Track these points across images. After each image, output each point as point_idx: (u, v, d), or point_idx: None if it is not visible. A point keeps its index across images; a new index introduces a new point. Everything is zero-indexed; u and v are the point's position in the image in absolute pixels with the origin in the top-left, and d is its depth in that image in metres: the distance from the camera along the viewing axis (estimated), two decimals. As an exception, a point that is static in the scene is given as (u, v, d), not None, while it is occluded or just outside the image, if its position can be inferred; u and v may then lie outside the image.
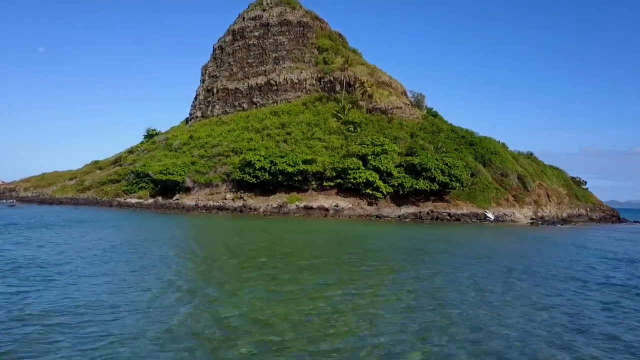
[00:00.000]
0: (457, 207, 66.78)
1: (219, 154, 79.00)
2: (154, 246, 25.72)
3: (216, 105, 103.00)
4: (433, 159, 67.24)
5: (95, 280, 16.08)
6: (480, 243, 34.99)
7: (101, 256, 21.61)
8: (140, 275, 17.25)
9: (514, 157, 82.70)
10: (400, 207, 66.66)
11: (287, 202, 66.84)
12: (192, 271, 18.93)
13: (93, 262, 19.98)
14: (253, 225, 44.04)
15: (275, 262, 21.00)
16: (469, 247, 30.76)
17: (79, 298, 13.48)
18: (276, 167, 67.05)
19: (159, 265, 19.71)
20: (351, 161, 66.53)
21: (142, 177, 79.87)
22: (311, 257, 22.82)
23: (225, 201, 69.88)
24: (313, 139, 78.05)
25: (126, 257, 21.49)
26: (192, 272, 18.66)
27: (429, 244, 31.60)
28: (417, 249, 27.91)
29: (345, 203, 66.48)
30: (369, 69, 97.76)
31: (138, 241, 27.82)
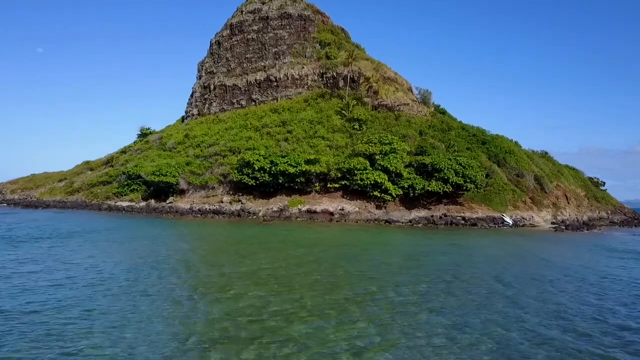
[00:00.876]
0: (472, 211, 61.97)
1: (216, 154, 74.17)
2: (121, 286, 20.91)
3: (213, 103, 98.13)
4: (445, 159, 62.43)
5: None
6: (532, 259, 29.28)
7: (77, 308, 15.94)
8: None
9: (528, 157, 77.94)
10: (411, 211, 61.84)
11: (289, 206, 62.01)
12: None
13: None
14: (251, 235, 39.17)
15: (281, 305, 16.18)
16: (521, 266, 25.29)
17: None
18: (277, 168, 62.21)
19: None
20: (357, 161, 61.71)
21: (134, 178, 75.04)
22: (323, 291, 17.89)
23: (222, 204, 65.03)
24: (316, 137, 73.23)
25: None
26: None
27: (461, 261, 26.69)
28: (450, 271, 23.00)
29: (351, 206, 61.66)
30: (373, 64, 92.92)
31: (119, 274, 23.01)
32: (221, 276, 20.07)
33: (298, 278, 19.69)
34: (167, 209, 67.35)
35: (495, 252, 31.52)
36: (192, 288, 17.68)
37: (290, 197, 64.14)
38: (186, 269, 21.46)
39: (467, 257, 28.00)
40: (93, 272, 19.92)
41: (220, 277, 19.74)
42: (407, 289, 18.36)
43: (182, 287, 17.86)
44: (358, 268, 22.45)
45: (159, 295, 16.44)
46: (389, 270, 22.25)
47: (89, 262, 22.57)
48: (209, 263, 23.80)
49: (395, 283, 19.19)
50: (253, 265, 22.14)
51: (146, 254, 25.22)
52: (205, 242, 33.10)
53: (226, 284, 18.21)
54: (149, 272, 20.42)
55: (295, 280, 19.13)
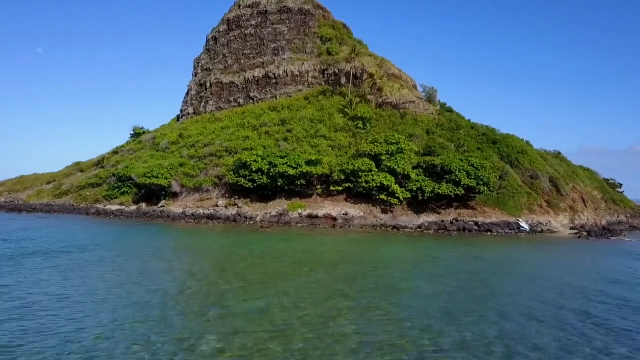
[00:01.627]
0: (485, 215, 57.70)
1: (211, 154, 69.87)
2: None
3: (209, 101, 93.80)
4: (456, 159, 58.16)
5: None
6: (588, 279, 24.57)
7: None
8: None
9: (542, 157, 73.74)
10: (420, 215, 57.57)
11: (288, 210, 57.72)
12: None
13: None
14: (246, 246, 34.89)
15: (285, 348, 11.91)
16: (582, 299, 20.25)
17: None
18: (275, 169, 57.92)
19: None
20: (362, 162, 57.42)
21: (124, 180, 70.72)
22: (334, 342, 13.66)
23: (216, 208, 60.71)
24: (317, 136, 68.95)
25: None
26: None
27: (501, 287, 22.22)
28: (495, 306, 18.51)
29: (355, 210, 57.38)
30: (376, 60, 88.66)
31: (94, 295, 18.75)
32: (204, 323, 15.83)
33: (303, 327, 15.45)
34: (159, 213, 63.04)
35: (517, 267, 27.17)
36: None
37: (289, 200, 59.89)
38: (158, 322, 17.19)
39: (503, 280, 23.63)
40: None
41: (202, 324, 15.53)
42: (457, 340, 14.06)
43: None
44: (380, 301, 18.08)
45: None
46: (421, 309, 17.66)
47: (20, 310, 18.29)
48: (197, 282, 19.60)
49: (439, 333, 14.58)
50: (240, 306, 17.69)
51: (117, 286, 20.96)
52: (190, 260, 28.55)
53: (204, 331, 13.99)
54: (120, 316, 16.20)
55: (298, 332, 14.89)
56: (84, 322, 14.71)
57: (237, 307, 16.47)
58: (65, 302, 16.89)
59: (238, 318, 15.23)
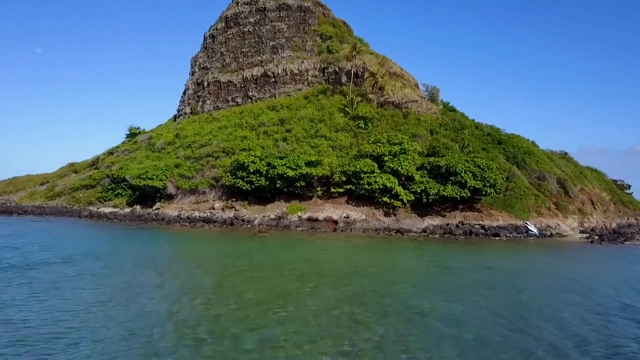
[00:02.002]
0: (492, 218, 55.61)
1: (208, 155, 67.73)
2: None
3: (207, 100, 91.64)
4: (462, 160, 56.08)
5: None
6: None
7: None
8: None
9: (549, 157, 71.63)
10: (424, 219, 55.48)
11: (288, 213, 55.61)
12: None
13: None
14: (244, 254, 32.76)
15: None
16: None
17: None
18: (274, 171, 55.80)
19: None
20: (364, 163, 55.30)
21: (119, 182, 68.62)
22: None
23: (213, 211, 58.58)
24: (317, 137, 66.82)
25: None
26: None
27: (528, 301, 19.85)
28: (532, 330, 16.16)
29: (357, 213, 55.28)
30: (378, 59, 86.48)
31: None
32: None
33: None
34: (153, 216, 60.91)
35: (564, 282, 24.75)
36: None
37: (289, 202, 57.78)
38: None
39: (532, 296, 21.32)
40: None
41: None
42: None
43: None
44: (402, 330, 15.74)
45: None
46: (452, 339, 15.11)
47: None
48: (188, 301, 17.46)
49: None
50: (236, 338, 15.44)
51: (96, 309, 18.74)
52: (183, 273, 26.19)
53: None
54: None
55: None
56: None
57: (233, 340, 14.29)
58: (22, 333, 14.37)
59: (232, 357, 13.07)
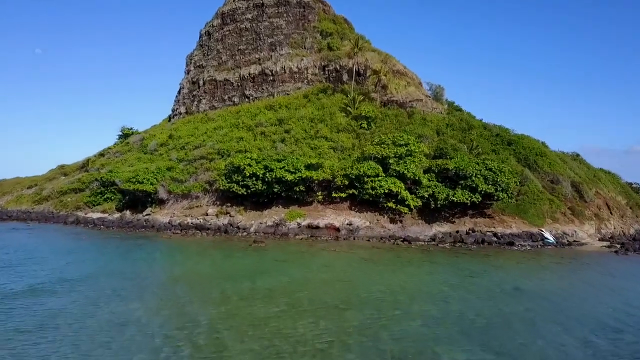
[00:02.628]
0: (505, 225, 51.98)
1: (202, 157, 64.11)
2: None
3: (202, 100, 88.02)
4: (472, 163, 52.47)
5: None
6: None
7: None
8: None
9: (561, 159, 67.96)
10: (432, 225, 51.86)
11: (286, 219, 51.99)
12: None
13: None
14: (233, 274, 29.11)
15: None
16: None
17: None
18: (272, 174, 52.18)
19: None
20: (368, 166, 51.68)
21: (108, 185, 64.99)
22: None
23: (206, 218, 54.94)
24: (317, 137, 63.20)
25: None
26: None
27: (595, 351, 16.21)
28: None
29: (360, 220, 51.65)
30: (381, 56, 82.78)
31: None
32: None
33: None
34: (143, 222, 57.31)
35: (621, 315, 20.42)
36: None
37: (287, 208, 54.17)
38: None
39: (589, 342, 17.68)
40: None
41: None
42: None
43: None
44: None
45: None
46: None
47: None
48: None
49: None
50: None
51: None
52: (157, 303, 21.74)
53: None
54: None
55: None
56: None
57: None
58: None
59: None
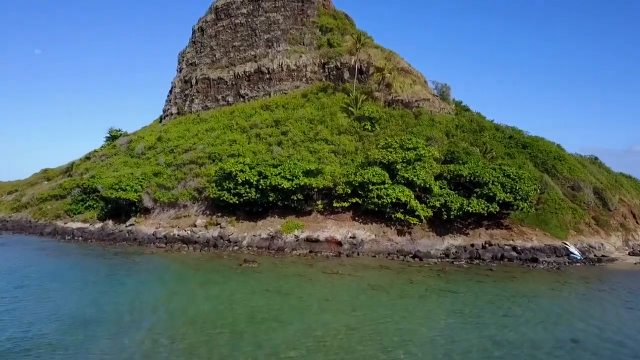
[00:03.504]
0: (524, 238, 46.92)
1: (191, 162, 59.02)
2: None
3: (195, 100, 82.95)
4: (488, 169, 47.42)
5: None
6: None
7: None
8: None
9: (580, 163, 62.93)
10: (444, 238, 46.84)
11: (282, 231, 46.92)
12: None
13: None
14: (210, 312, 23.97)
15: None
16: None
17: None
18: (266, 182, 47.11)
19: None
20: (373, 172, 46.61)
21: (90, 192, 59.89)
22: None
23: (194, 229, 49.84)
24: (317, 140, 58.15)
25: None
26: None
27: None
28: None
29: (365, 232, 46.57)
30: (384, 53, 77.73)
31: None
32: None
33: None
34: (126, 233, 52.25)
35: None
36: None
37: (284, 218, 49.09)
38: None
39: None
40: None
41: None
42: None
43: None
44: None
45: None
46: None
47: None
48: None
49: None
50: None
51: None
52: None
53: None
54: None
55: None
56: None
57: None
58: None
59: None
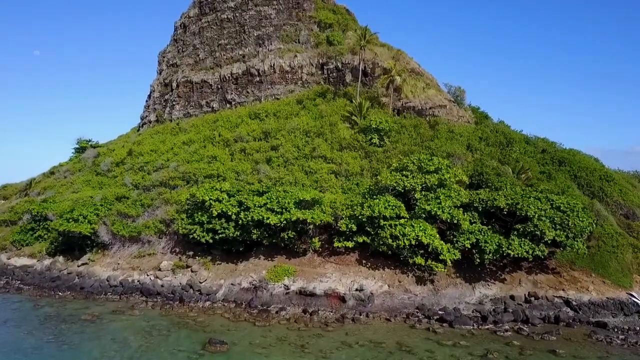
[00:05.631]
0: (579, 286, 36.65)
1: (161, 183, 48.77)
2: None
3: (175, 106, 72.63)
4: (532, 200, 37.06)
5: None
6: None
7: None
8: None
9: (629, 183, 52.68)
10: (474, 286, 36.70)
11: (268, 279, 36.60)
12: None
13: None
14: None
15: None
16: None
17: None
18: (248, 215, 36.82)
19: None
20: (385, 203, 36.25)
21: (41, 220, 49.63)
22: None
23: (159, 273, 39.50)
24: (314, 158, 47.93)
25: None
26: None
27: None
28: None
29: (375, 282, 36.26)
30: (391, 52, 67.55)
31: None
32: None
33: None
34: (75, 277, 42.03)
35: None
36: None
37: (271, 260, 38.84)
38: None
39: None
40: None
41: None
42: None
43: None
44: None
45: None
46: None
47: None
48: None
49: None
50: None
51: None
52: None
53: None
54: None
55: None
56: None
57: None
58: None
59: None
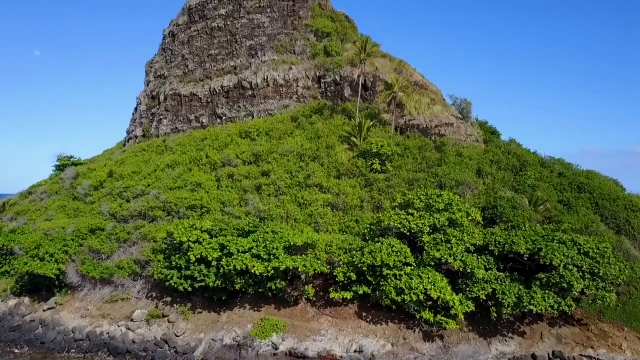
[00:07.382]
0: (609, 343, 31.97)
1: (140, 214, 44.03)
2: None
3: (163, 120, 67.86)
4: (556, 245, 32.28)
5: None
6: None
7: None
8: None
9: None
10: (489, 341, 32.01)
11: (254, 336, 31.84)
12: None
13: None
14: None
15: None
16: None
17: None
18: (231, 263, 32.03)
19: None
20: (388, 248, 31.47)
21: (6, 254, 44.88)
22: None
23: (131, 325, 34.75)
24: (308, 186, 43.16)
25: None
26: None
27: None
28: None
29: (376, 340, 31.49)
30: (393, 64, 62.89)
31: None
32: None
33: None
34: (39, 324, 37.26)
35: None
36: None
37: (258, 310, 34.13)
38: None
39: None
40: None
41: None
42: None
43: None
44: None
45: None
46: None
47: None
48: None
49: None
50: None
51: None
52: None
53: None
54: None
55: None
56: None
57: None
58: None
59: None
